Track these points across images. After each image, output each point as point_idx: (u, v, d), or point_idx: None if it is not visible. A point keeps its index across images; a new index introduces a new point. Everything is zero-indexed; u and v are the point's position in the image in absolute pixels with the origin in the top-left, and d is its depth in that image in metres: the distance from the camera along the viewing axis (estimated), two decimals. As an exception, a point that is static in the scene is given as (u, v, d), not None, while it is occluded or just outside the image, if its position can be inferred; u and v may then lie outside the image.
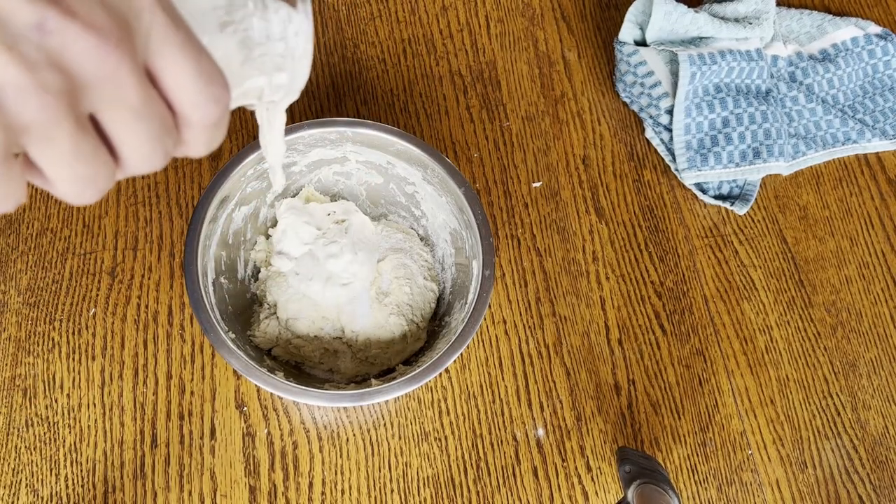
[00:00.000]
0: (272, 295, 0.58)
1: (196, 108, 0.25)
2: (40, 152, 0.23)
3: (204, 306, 0.49)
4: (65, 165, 0.23)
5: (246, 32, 0.27)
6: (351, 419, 0.57)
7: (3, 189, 0.23)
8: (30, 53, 0.21)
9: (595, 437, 0.58)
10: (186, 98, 0.24)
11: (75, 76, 0.22)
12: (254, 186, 0.57)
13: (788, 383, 0.62)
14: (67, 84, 0.22)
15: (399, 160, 0.57)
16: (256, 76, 0.29)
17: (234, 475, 0.55)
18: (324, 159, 0.59)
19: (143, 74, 0.23)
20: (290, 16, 0.28)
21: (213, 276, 0.53)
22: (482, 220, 0.53)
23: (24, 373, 0.57)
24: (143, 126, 0.23)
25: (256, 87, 0.30)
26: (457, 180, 0.55)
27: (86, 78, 0.22)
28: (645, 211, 0.67)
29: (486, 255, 0.52)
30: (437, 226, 0.60)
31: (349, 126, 0.55)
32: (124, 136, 0.24)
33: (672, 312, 0.63)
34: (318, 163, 0.59)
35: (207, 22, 0.27)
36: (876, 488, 0.59)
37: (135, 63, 0.22)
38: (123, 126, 0.23)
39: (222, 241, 0.55)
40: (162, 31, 0.23)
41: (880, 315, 0.65)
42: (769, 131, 0.67)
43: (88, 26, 0.21)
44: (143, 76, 0.23)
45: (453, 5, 0.74)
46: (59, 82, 0.21)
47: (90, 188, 0.24)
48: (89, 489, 0.54)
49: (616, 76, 0.71)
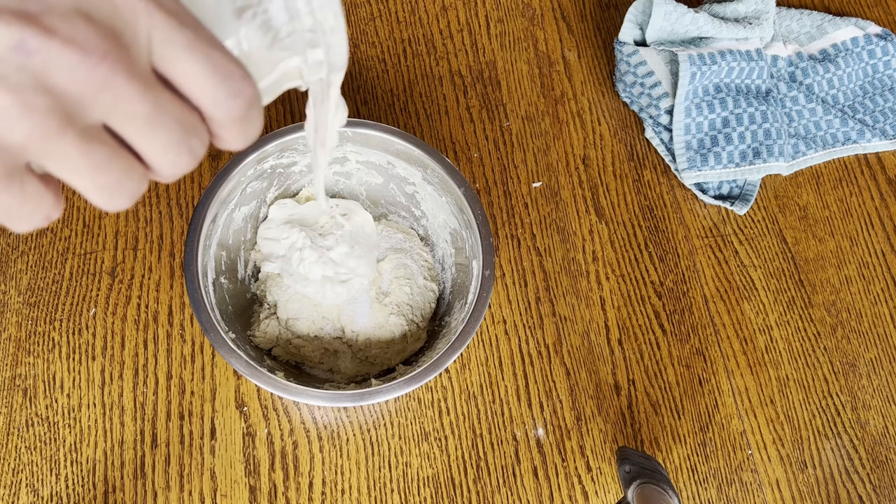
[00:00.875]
0: (272, 295, 0.58)
1: (217, 107, 0.24)
2: (51, 166, 0.22)
3: (204, 306, 0.49)
4: (81, 177, 0.23)
5: (266, 14, 0.26)
6: (351, 419, 0.57)
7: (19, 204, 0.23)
8: (11, 75, 0.20)
9: (595, 437, 0.58)
10: (204, 97, 0.24)
11: (64, 93, 0.21)
12: (254, 186, 0.57)
13: (788, 383, 0.62)
14: (57, 101, 0.21)
15: (399, 160, 0.57)
16: (289, 57, 0.28)
17: (235, 475, 0.55)
18: None
19: (149, 80, 0.22)
20: None
21: (213, 276, 0.53)
22: (482, 220, 0.53)
23: (25, 373, 0.57)
24: (160, 131, 0.23)
25: (294, 67, 0.28)
26: (457, 180, 0.55)
27: (77, 93, 0.21)
28: (645, 211, 0.67)
29: (486, 255, 0.52)
30: (437, 226, 0.60)
31: (349, 126, 0.55)
32: (141, 143, 0.23)
33: (672, 312, 0.63)
34: None
35: (222, 11, 0.26)
36: (876, 488, 0.59)
37: (131, 71, 0.22)
38: (138, 133, 0.23)
39: (222, 241, 0.55)
40: (164, 33, 0.23)
41: (880, 315, 0.65)
42: (769, 131, 0.67)
43: (69, 43, 0.21)
44: (149, 82, 0.22)
45: (453, 5, 0.74)
46: (46, 101, 0.21)
47: (118, 195, 0.24)
48: (89, 489, 0.54)
49: (616, 76, 0.71)
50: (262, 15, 0.26)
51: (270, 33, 0.27)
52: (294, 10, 0.27)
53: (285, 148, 0.55)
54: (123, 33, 0.22)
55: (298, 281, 0.57)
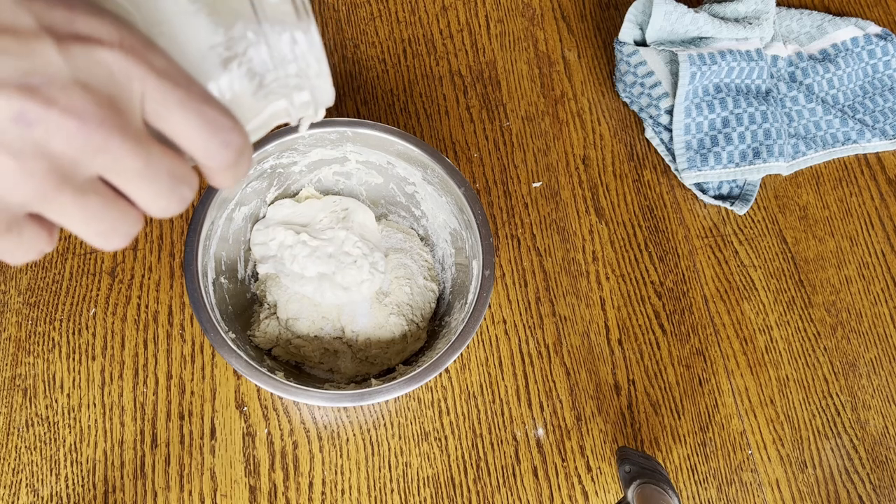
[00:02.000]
0: (272, 295, 0.58)
1: (209, 157, 0.25)
2: (49, 216, 0.24)
3: (204, 306, 0.49)
4: (78, 225, 0.24)
5: (251, 63, 0.27)
6: (351, 419, 0.57)
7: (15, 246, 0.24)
8: (13, 144, 0.22)
9: (595, 437, 0.58)
10: (197, 150, 0.25)
11: (62, 156, 0.22)
12: (254, 186, 0.57)
13: (788, 383, 0.62)
14: (55, 164, 0.22)
15: (399, 160, 0.57)
16: (276, 100, 0.29)
17: (235, 475, 0.55)
18: (324, 159, 0.59)
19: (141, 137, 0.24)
20: (294, 37, 0.28)
21: (213, 276, 0.53)
22: (482, 221, 0.53)
23: (25, 373, 0.57)
24: (152, 184, 0.24)
25: (281, 109, 0.29)
26: (457, 180, 0.55)
27: (75, 156, 0.23)
28: (645, 211, 0.67)
29: (486, 255, 0.53)
30: (437, 226, 0.60)
31: (349, 126, 0.55)
32: (136, 194, 0.25)
33: (672, 312, 0.63)
34: (319, 163, 0.59)
35: (208, 62, 0.27)
36: (876, 488, 0.59)
37: (126, 133, 0.23)
38: (131, 186, 0.24)
39: (222, 241, 0.55)
40: (157, 94, 0.24)
41: (880, 315, 0.65)
42: (769, 131, 0.67)
43: (68, 112, 0.22)
44: (141, 139, 0.24)
45: (453, 5, 0.74)
46: (45, 165, 0.22)
47: (114, 238, 0.25)
48: (89, 489, 0.54)
49: (616, 76, 0.71)
50: (246, 63, 0.27)
51: (256, 80, 0.28)
52: (278, 58, 0.28)
53: (286, 148, 0.55)
54: (119, 98, 0.23)
55: (296, 280, 0.57)
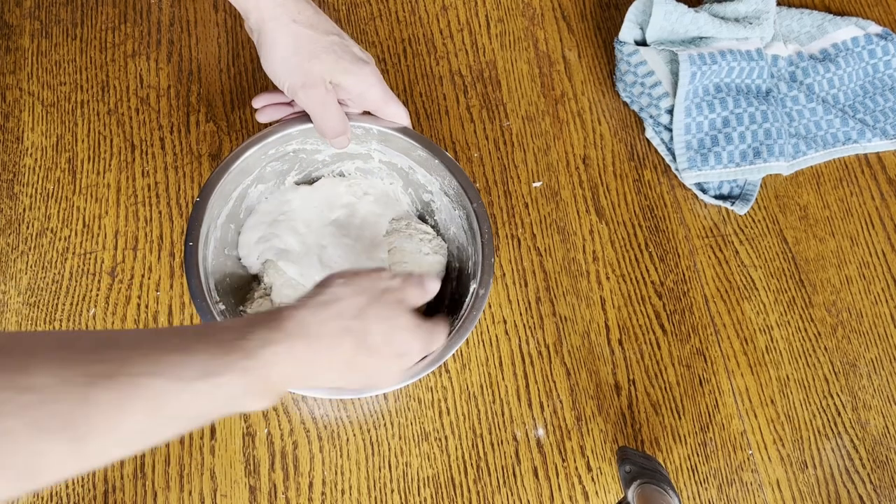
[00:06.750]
0: (269, 277, 0.58)
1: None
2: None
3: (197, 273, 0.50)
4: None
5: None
6: (351, 419, 0.57)
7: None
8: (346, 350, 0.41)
9: (595, 437, 0.58)
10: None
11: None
12: (274, 167, 0.58)
13: (789, 383, 0.62)
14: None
15: (419, 167, 0.58)
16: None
17: (234, 475, 0.55)
18: (349, 152, 0.59)
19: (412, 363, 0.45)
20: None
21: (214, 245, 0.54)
22: (487, 239, 0.53)
23: (24, 373, 0.57)
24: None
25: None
26: (471, 195, 0.55)
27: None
28: (645, 211, 0.67)
29: (485, 274, 0.52)
30: (448, 238, 0.60)
31: (375, 123, 0.55)
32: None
33: (672, 312, 0.63)
34: (343, 154, 0.60)
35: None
36: (876, 488, 0.59)
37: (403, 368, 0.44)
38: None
39: (232, 216, 0.56)
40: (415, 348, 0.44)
41: (880, 315, 0.65)
42: (769, 131, 0.67)
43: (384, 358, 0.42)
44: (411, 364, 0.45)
45: (453, 5, 0.74)
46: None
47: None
48: (89, 489, 0.54)
49: (616, 76, 0.71)
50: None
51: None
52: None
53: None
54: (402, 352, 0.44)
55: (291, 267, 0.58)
